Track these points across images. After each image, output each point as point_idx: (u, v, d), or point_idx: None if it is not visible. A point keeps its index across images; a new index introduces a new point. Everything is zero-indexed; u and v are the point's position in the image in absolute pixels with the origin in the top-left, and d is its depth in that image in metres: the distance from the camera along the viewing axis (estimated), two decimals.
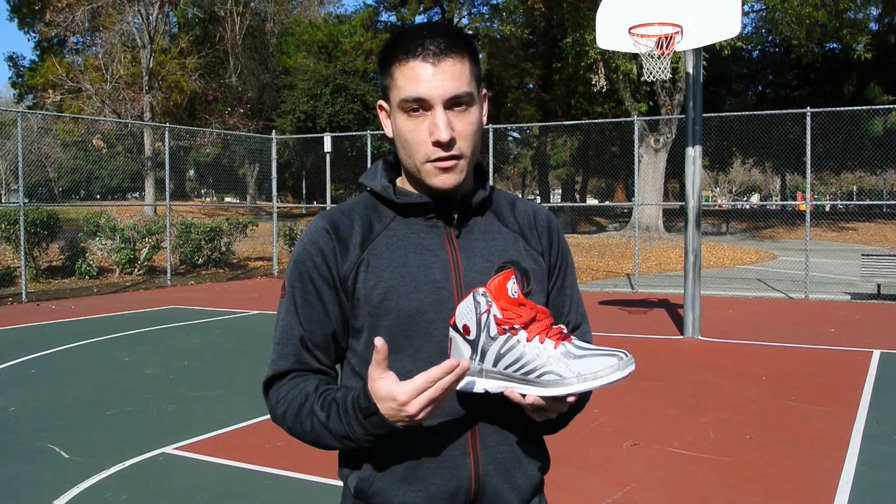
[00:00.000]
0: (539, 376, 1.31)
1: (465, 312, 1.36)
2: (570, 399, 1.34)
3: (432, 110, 1.43)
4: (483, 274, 1.50)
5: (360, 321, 1.48)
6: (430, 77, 1.41)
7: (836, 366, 7.84)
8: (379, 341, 1.31)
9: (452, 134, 1.42)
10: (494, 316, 1.33)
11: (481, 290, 1.35)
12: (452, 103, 1.43)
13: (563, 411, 1.40)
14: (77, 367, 7.89)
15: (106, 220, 17.09)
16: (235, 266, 19.68)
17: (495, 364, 1.34)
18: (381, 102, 1.54)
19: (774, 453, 5.09)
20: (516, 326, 1.33)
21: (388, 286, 1.46)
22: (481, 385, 1.37)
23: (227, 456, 5.07)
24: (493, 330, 1.33)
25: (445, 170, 1.44)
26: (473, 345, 1.35)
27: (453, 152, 1.44)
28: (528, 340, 1.32)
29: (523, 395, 1.34)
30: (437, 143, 1.42)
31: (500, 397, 1.37)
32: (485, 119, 1.53)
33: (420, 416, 1.31)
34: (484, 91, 1.55)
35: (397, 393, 1.30)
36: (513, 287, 1.35)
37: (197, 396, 6.69)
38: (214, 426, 5.75)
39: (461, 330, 1.36)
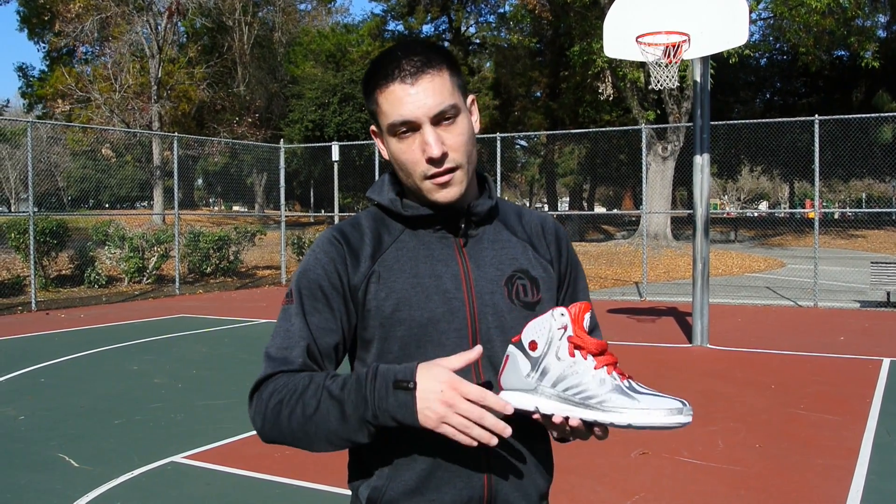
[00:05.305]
0: (600, 402, 1.30)
1: (536, 328, 1.35)
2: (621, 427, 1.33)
3: (421, 129, 1.43)
4: (493, 283, 1.50)
5: (371, 332, 1.48)
6: (412, 98, 1.42)
7: (846, 374, 7.80)
8: (479, 349, 1.36)
9: (444, 148, 1.43)
10: (569, 337, 1.33)
11: (560, 309, 1.35)
12: (439, 118, 1.44)
13: (603, 438, 1.38)
14: (86, 377, 7.92)
15: (115, 230, 17.16)
16: (244, 275, 19.72)
17: (554, 385, 1.33)
18: (373, 128, 1.55)
19: (784, 463, 5.07)
20: (587, 353, 1.32)
21: (399, 297, 1.46)
22: (533, 402, 1.35)
23: (236, 465, 5.08)
24: (564, 351, 1.33)
25: (444, 185, 1.45)
26: (535, 362, 1.35)
27: (448, 165, 1.44)
28: (595, 368, 1.31)
29: (566, 418, 1.33)
30: (430, 161, 1.43)
31: (529, 415, 1.36)
32: (476, 125, 1.53)
33: (448, 420, 1.30)
34: (471, 97, 1.54)
35: (461, 382, 1.31)
36: (588, 319, 1.35)
37: (205, 405, 6.71)
38: (223, 435, 5.76)
39: (526, 346, 1.36)
